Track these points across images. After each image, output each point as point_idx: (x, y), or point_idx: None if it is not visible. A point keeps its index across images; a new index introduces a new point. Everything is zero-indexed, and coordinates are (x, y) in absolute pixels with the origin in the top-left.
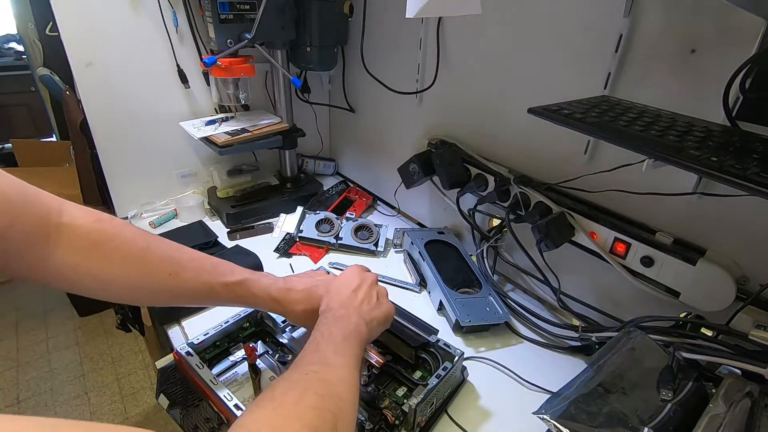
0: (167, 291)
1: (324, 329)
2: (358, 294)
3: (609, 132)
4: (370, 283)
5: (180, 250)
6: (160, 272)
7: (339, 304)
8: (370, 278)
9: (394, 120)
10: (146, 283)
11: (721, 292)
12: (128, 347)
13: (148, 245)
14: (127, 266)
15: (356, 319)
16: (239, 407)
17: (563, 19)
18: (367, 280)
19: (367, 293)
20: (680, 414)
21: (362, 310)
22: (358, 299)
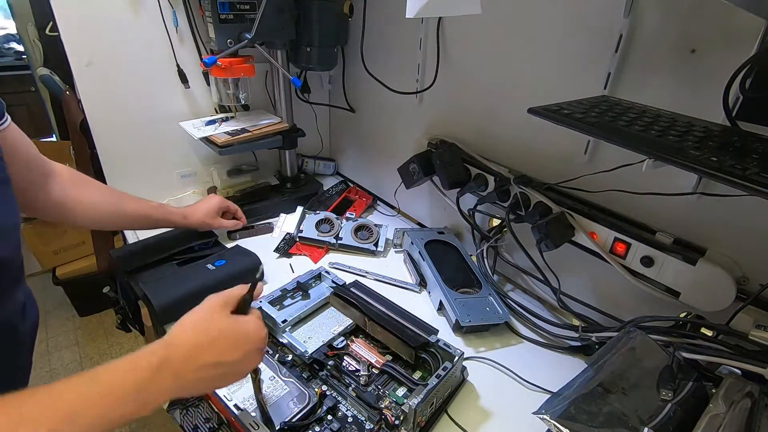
0: (127, 214)
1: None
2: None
3: (609, 132)
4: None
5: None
6: (122, 197)
7: (183, 355)
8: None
9: (394, 120)
10: (115, 207)
11: (721, 292)
12: (128, 347)
13: (106, 184)
14: (101, 192)
15: (171, 385)
16: (239, 407)
17: (563, 19)
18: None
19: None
20: (680, 414)
21: (195, 379)
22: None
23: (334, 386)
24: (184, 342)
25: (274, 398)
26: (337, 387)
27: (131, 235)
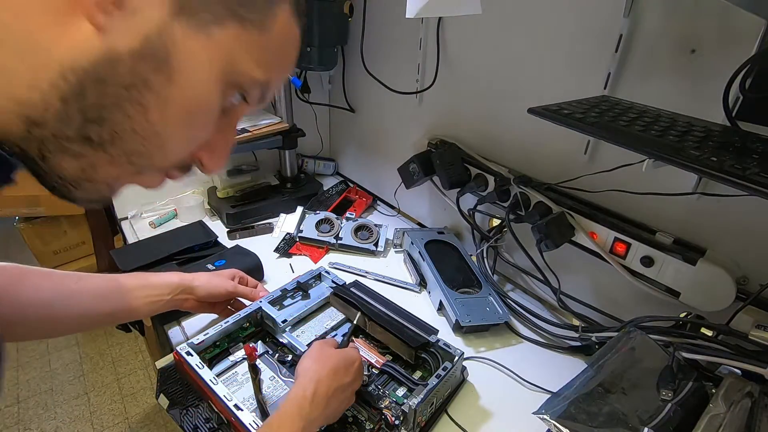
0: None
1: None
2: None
3: (609, 132)
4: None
5: None
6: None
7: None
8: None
9: (394, 120)
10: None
11: (721, 292)
12: (128, 347)
13: None
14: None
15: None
16: (239, 407)
17: (563, 19)
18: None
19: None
20: (680, 414)
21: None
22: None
23: None
24: (320, 376)
25: (274, 398)
26: None
27: (131, 235)
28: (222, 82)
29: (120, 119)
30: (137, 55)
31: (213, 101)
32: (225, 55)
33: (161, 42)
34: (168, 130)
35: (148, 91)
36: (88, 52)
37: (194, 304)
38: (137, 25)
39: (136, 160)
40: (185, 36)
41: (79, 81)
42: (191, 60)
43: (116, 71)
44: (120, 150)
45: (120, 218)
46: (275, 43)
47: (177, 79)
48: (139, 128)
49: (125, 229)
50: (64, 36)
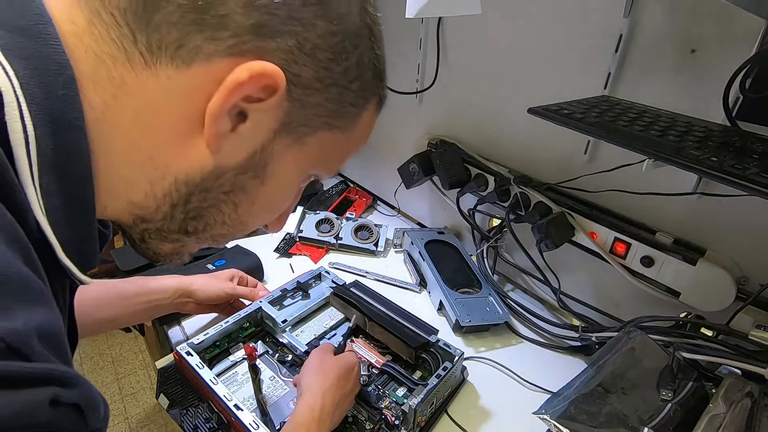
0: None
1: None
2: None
3: (609, 132)
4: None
5: None
6: None
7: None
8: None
9: (394, 120)
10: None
11: (721, 292)
12: (128, 347)
13: None
14: None
15: None
16: (239, 407)
17: (563, 19)
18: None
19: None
20: (680, 414)
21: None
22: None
23: None
24: (324, 390)
25: (274, 398)
26: None
27: None
28: (304, 178)
29: (215, 215)
30: (241, 168)
31: (293, 192)
32: (312, 159)
33: (263, 156)
34: (252, 219)
35: (243, 193)
36: (201, 168)
37: (194, 307)
38: (246, 145)
39: (221, 240)
40: (283, 148)
41: (189, 192)
42: (284, 166)
43: (220, 182)
44: (208, 234)
45: None
46: (355, 139)
47: (268, 182)
48: (229, 220)
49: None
50: (183, 154)
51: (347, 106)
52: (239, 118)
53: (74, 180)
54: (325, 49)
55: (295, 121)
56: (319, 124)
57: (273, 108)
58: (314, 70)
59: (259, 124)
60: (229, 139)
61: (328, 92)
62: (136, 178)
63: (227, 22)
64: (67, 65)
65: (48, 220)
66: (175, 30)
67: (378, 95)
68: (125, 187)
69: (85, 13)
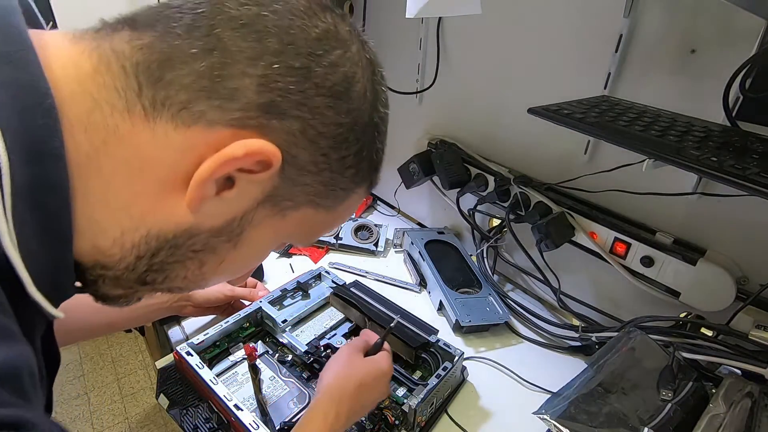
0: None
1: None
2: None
3: (609, 132)
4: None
5: None
6: None
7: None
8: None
9: (394, 120)
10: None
11: (721, 292)
12: (128, 347)
13: None
14: None
15: None
16: (239, 407)
17: (563, 19)
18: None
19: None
20: (680, 414)
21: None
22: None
23: None
24: (343, 395)
25: (274, 398)
26: None
27: None
28: (278, 246)
29: (178, 270)
30: (216, 231)
31: (263, 257)
32: (290, 231)
33: (241, 223)
34: (214, 278)
35: (212, 254)
36: (176, 225)
37: (192, 310)
38: (227, 211)
39: (175, 291)
40: (263, 218)
41: (158, 246)
42: (260, 234)
43: (192, 241)
44: (165, 287)
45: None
46: (338, 216)
47: (241, 246)
48: (191, 276)
49: None
50: (161, 209)
51: (337, 190)
52: (226, 184)
53: (51, 210)
54: (328, 137)
55: (282, 196)
56: (305, 201)
57: (263, 181)
58: (312, 154)
59: (245, 193)
60: (212, 202)
61: (321, 175)
62: (108, 224)
63: (239, 95)
64: (47, 94)
65: (19, 250)
66: (184, 92)
67: (369, 181)
68: (95, 230)
69: (93, 61)
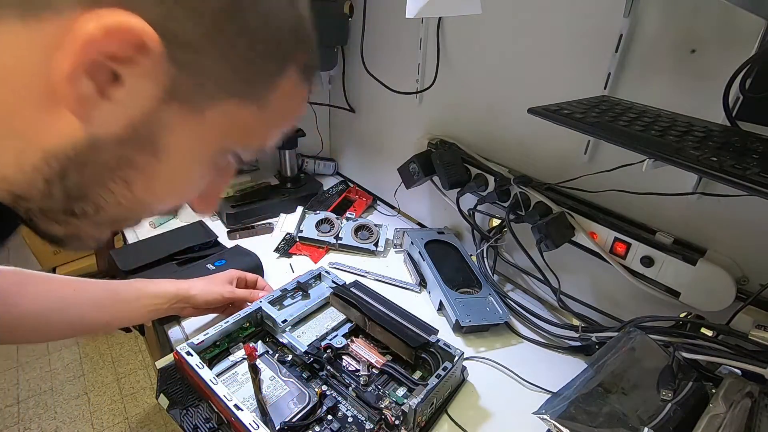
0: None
1: None
2: None
3: (609, 132)
4: None
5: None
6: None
7: None
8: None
9: (394, 120)
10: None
11: (721, 292)
12: (128, 347)
13: None
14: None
15: None
16: (239, 407)
17: (563, 19)
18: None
19: None
20: (680, 414)
21: None
22: None
23: (334, 386)
24: None
25: (274, 398)
26: (337, 387)
27: (131, 234)
28: (214, 156)
29: (103, 195)
30: (122, 140)
31: (204, 172)
32: (218, 134)
33: (149, 127)
34: (154, 200)
35: (133, 170)
36: (72, 139)
37: (192, 311)
38: (123, 114)
39: (122, 222)
40: (175, 119)
41: (62, 166)
42: (182, 140)
43: (101, 156)
44: (104, 218)
45: None
46: (274, 113)
47: (164, 158)
48: (124, 200)
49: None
50: (47, 125)
51: (253, 72)
52: (112, 82)
53: None
54: (213, 3)
55: (186, 89)
56: (219, 93)
57: (151, 72)
58: (199, 28)
59: (137, 90)
60: (101, 106)
61: (223, 56)
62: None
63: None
64: None
65: None
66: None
67: (297, 61)
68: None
69: None
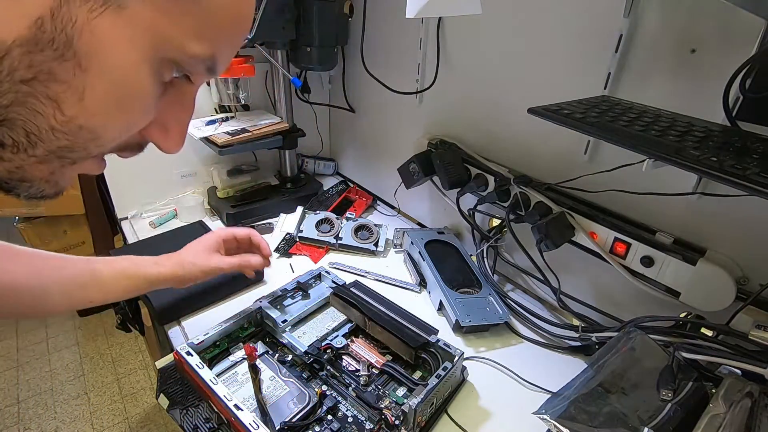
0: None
1: None
2: None
3: (609, 132)
4: None
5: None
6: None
7: None
8: None
9: (394, 120)
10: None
11: (721, 292)
12: (128, 347)
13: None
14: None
15: None
16: (239, 407)
17: (563, 19)
18: None
19: None
20: (680, 414)
21: None
22: None
23: (334, 386)
24: None
25: (274, 398)
26: (337, 387)
27: (131, 235)
28: (151, 62)
29: (29, 118)
30: (29, 43)
31: (144, 84)
32: (148, 32)
33: (59, 26)
34: (94, 121)
35: (56, 83)
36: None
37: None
38: (22, 10)
39: (68, 155)
40: (89, 14)
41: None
42: (103, 42)
43: (9, 65)
44: (44, 149)
45: (120, 218)
46: (216, 8)
47: (90, 66)
48: (58, 124)
49: (125, 229)
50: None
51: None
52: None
53: None
54: None
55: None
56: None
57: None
58: None
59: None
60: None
61: None
62: None
63: None
64: None
65: None
66: None
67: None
68: None
69: None
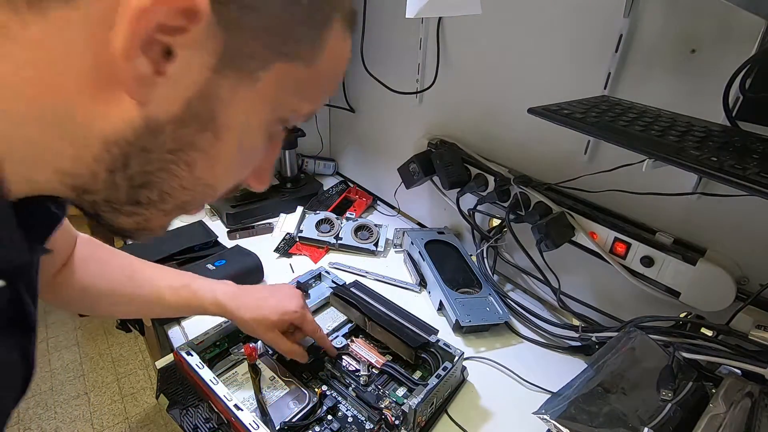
0: (126, 297)
1: None
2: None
3: (609, 132)
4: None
5: (141, 260)
6: (119, 274)
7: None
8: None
9: (394, 120)
10: (106, 288)
11: (721, 292)
12: (128, 347)
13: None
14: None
15: None
16: (239, 407)
17: (563, 19)
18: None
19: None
20: (680, 414)
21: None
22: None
23: (334, 386)
24: None
25: (274, 398)
26: (337, 387)
27: None
28: (268, 124)
29: (167, 180)
30: (179, 121)
31: (261, 144)
32: (272, 100)
33: (205, 104)
34: (218, 180)
35: (194, 151)
36: (130, 125)
37: None
38: (180, 91)
39: (189, 208)
40: (231, 90)
41: (123, 153)
42: (239, 114)
43: (161, 139)
44: (171, 205)
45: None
46: (325, 71)
47: (224, 135)
48: (188, 184)
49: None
50: (105, 111)
51: (299, 27)
52: (165, 58)
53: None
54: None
55: (236, 52)
56: (269, 54)
57: (202, 39)
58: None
59: (191, 62)
60: (157, 84)
61: (268, 10)
62: (48, 141)
63: None
64: None
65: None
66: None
67: (339, 10)
68: (38, 151)
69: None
